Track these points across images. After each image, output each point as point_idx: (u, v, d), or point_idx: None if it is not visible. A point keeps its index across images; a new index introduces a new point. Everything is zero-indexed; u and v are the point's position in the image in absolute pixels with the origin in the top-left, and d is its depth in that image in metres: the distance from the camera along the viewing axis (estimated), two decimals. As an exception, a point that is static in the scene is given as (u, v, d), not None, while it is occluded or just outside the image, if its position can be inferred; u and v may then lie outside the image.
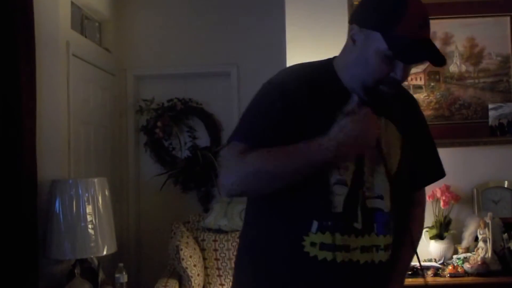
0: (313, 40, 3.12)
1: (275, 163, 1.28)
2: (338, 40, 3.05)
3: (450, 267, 2.71)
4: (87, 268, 2.70)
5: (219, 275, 3.41)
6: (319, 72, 1.41)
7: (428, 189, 2.93)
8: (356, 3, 3.11)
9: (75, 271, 2.60)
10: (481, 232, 2.79)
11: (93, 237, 2.58)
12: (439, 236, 2.91)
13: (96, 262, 2.78)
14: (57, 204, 2.56)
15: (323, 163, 1.28)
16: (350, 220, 1.31)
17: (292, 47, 3.11)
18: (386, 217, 1.36)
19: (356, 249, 1.31)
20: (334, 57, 1.45)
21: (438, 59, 1.30)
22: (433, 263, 2.81)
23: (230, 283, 1.59)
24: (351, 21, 1.38)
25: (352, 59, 1.37)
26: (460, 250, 2.88)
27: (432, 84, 3.10)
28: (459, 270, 2.69)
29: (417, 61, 1.35)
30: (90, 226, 2.58)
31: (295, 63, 1.48)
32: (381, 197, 1.35)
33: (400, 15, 1.27)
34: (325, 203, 1.31)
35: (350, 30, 1.37)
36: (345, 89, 1.38)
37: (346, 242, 1.31)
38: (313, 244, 1.31)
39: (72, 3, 3.34)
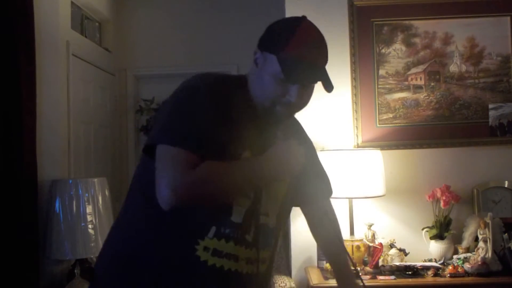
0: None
1: (230, 176, 1.29)
2: (339, 41, 3.09)
3: (450, 267, 2.71)
4: (87, 268, 2.70)
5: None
6: (237, 87, 1.43)
7: (429, 189, 2.96)
8: (356, 3, 3.11)
9: (75, 271, 2.60)
10: (481, 232, 2.79)
11: (93, 237, 2.58)
12: (439, 236, 2.91)
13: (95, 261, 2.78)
14: (57, 204, 2.56)
15: (258, 179, 1.35)
16: (244, 231, 1.36)
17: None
18: (270, 233, 1.44)
19: (242, 260, 1.36)
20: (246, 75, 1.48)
21: (323, 82, 1.35)
22: (433, 263, 2.81)
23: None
24: (258, 46, 1.42)
25: (254, 80, 1.41)
26: (460, 250, 2.87)
27: (432, 84, 3.10)
28: (459, 270, 2.69)
29: (298, 81, 1.34)
30: (90, 226, 2.58)
31: (208, 72, 1.45)
32: (266, 214, 1.42)
33: (289, 36, 1.33)
34: (226, 211, 1.34)
35: (254, 54, 1.42)
36: (255, 107, 1.42)
37: (237, 252, 1.35)
38: (206, 249, 1.32)
39: (72, 3, 3.34)
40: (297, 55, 1.33)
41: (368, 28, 3.12)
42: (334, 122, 3.09)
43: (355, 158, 2.80)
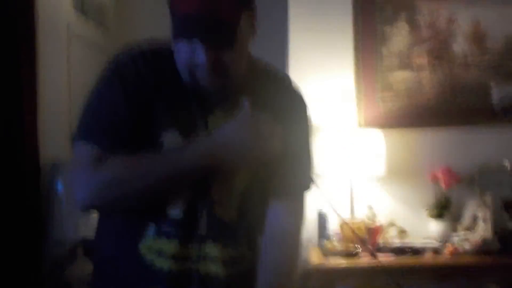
0: (317, 37, 3.08)
1: (139, 172, 1.10)
2: (341, 20, 3.05)
3: (450, 247, 2.73)
4: (90, 249, 2.73)
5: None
6: (163, 61, 1.18)
7: (430, 170, 2.95)
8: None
9: (78, 251, 2.64)
10: (482, 213, 2.80)
11: (95, 218, 2.61)
12: (439, 216, 2.92)
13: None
14: (59, 186, 2.58)
15: (196, 172, 1.11)
16: (191, 227, 1.15)
17: (295, 45, 3.08)
18: (228, 227, 1.19)
19: (196, 259, 1.16)
20: None
21: (205, 35, 1.06)
22: (433, 241, 2.83)
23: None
24: None
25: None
26: (460, 230, 2.89)
27: (435, 64, 3.07)
28: (459, 249, 2.71)
29: (184, 38, 1.07)
30: (92, 207, 2.60)
31: (133, 46, 1.23)
32: (224, 206, 1.19)
33: None
34: (161, 207, 1.15)
35: None
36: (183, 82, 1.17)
37: (185, 251, 1.15)
38: (150, 249, 1.16)
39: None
40: (182, 7, 1.07)
41: (371, 7, 3.08)
42: (336, 101, 3.07)
43: (356, 138, 2.80)
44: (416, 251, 2.74)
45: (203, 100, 1.17)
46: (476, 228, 2.81)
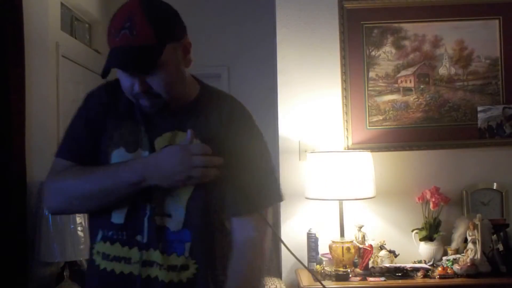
0: (304, 42, 3.13)
1: (82, 181, 1.29)
2: (329, 43, 3.10)
3: (439, 269, 2.73)
4: (76, 271, 2.68)
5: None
6: (121, 89, 1.35)
7: (418, 191, 2.97)
8: (346, 5, 3.12)
9: (64, 273, 2.58)
10: (470, 234, 2.80)
11: (82, 239, 2.57)
12: (429, 238, 2.92)
13: (85, 264, 2.76)
14: (46, 206, 2.53)
15: (128, 186, 1.26)
16: (133, 233, 1.30)
17: (283, 48, 3.12)
18: (174, 237, 1.30)
19: (137, 262, 1.29)
20: None
21: (123, 65, 1.26)
22: (423, 265, 2.83)
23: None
24: None
25: None
26: (449, 252, 2.89)
27: (421, 86, 3.12)
28: (449, 271, 2.70)
29: (109, 67, 1.24)
30: (79, 228, 2.56)
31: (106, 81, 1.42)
32: (169, 216, 1.31)
33: (108, 28, 1.29)
34: (106, 214, 1.32)
35: None
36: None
37: (127, 255, 1.30)
38: (98, 252, 1.34)
39: (62, 4, 3.32)
40: (108, 42, 1.27)
41: (358, 31, 3.13)
42: (324, 124, 3.09)
43: (345, 160, 2.81)
44: (406, 273, 2.73)
45: (154, 124, 1.34)
46: (466, 250, 2.82)
